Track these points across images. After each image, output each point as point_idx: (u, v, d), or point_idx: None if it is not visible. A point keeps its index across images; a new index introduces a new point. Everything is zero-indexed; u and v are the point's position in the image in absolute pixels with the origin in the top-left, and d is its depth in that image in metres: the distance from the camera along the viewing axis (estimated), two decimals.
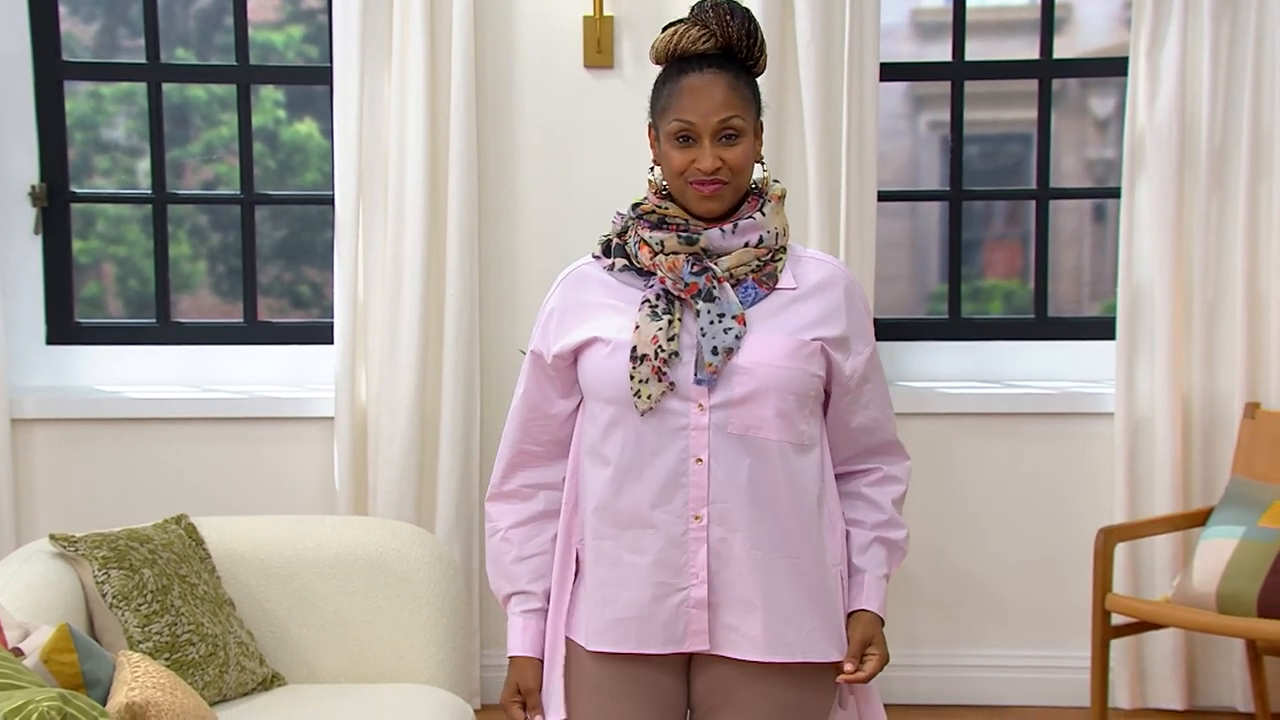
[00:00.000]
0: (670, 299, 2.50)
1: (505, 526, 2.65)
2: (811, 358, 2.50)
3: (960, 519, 5.13)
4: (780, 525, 2.49)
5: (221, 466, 5.15)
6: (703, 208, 2.50)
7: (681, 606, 2.50)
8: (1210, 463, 5.02)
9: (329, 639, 3.93)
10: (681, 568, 2.49)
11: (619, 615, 2.53)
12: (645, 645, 2.52)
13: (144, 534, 3.77)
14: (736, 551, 2.48)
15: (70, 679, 2.93)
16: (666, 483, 2.49)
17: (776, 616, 2.49)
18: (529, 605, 2.63)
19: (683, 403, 2.48)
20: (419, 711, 3.64)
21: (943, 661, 5.12)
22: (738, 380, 2.47)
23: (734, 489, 2.47)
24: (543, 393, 2.61)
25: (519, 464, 2.64)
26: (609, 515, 2.52)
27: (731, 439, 2.47)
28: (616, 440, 2.51)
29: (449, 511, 5.00)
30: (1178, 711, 5.02)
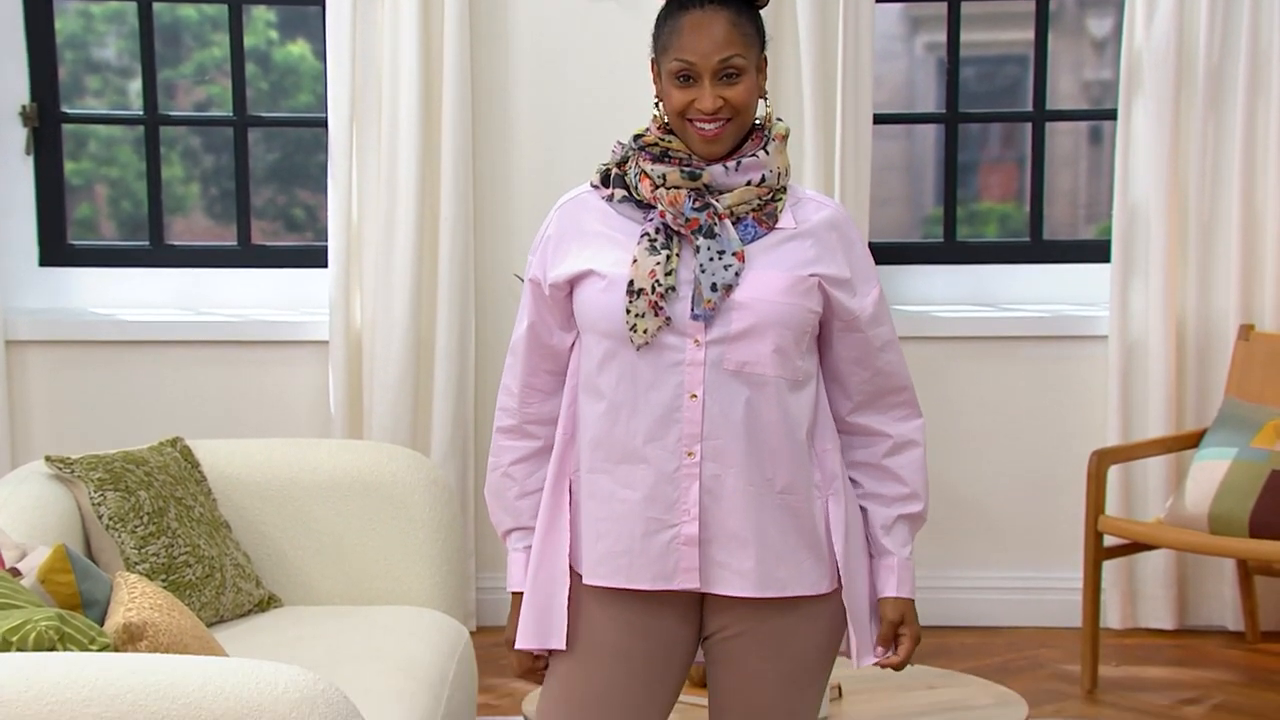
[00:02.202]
0: (669, 233, 2.49)
1: (508, 462, 2.64)
2: (809, 293, 2.50)
3: (954, 442, 5.14)
4: (773, 461, 2.49)
5: (216, 390, 5.15)
6: (705, 150, 2.49)
7: (672, 543, 2.50)
8: (1204, 385, 5.03)
9: (325, 561, 3.94)
10: (673, 504, 2.49)
11: (610, 549, 2.53)
12: (635, 580, 2.52)
13: (139, 456, 3.78)
14: (729, 488, 2.48)
15: (68, 599, 2.94)
16: (660, 418, 2.49)
17: (768, 552, 2.50)
18: (528, 541, 2.63)
19: (679, 338, 2.48)
20: (415, 633, 3.66)
21: (936, 583, 5.15)
22: (735, 316, 2.47)
23: (728, 425, 2.47)
24: (544, 323, 2.60)
25: (524, 399, 2.63)
26: (602, 449, 2.52)
27: (727, 375, 2.47)
28: (611, 374, 2.51)
29: (444, 435, 5.01)
30: (1168, 631, 5.06)
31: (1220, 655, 4.89)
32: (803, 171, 4.90)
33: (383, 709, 3.21)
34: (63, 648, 2.65)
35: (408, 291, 4.97)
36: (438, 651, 3.59)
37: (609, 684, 2.55)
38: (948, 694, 3.44)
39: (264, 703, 2.51)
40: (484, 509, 5.17)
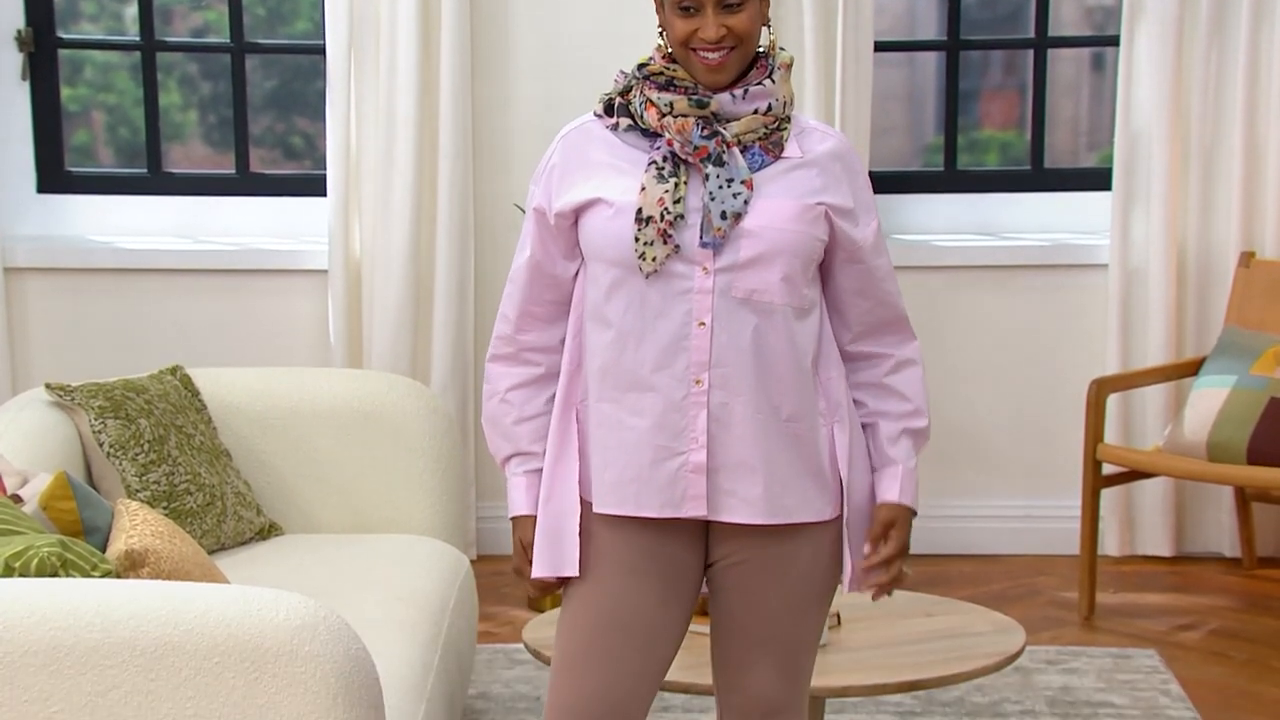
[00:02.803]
0: (677, 161, 2.48)
1: (505, 389, 2.63)
2: (816, 221, 2.50)
3: (953, 371, 5.14)
4: (780, 389, 2.50)
5: (215, 318, 5.15)
6: (709, 79, 2.48)
7: (680, 471, 2.51)
8: (1204, 312, 5.04)
9: (325, 490, 3.95)
10: (681, 432, 2.50)
11: (618, 478, 2.54)
12: (643, 508, 2.53)
13: (139, 384, 3.78)
14: (737, 416, 2.49)
15: (69, 526, 2.95)
16: (668, 346, 2.49)
17: (775, 480, 2.51)
18: (531, 465, 2.63)
19: (687, 266, 2.47)
20: (416, 561, 3.67)
21: (934, 512, 5.17)
22: (744, 244, 2.47)
23: (736, 353, 2.48)
24: (547, 252, 2.59)
25: (522, 326, 2.63)
26: (610, 378, 2.53)
27: (735, 303, 2.47)
28: (619, 303, 2.51)
29: (444, 364, 5.01)
30: (1165, 558, 5.08)
31: (1217, 581, 4.92)
32: (803, 100, 4.88)
33: (383, 636, 3.23)
34: (65, 574, 2.66)
35: (407, 220, 4.96)
36: (438, 580, 3.61)
37: (623, 603, 2.56)
38: (946, 621, 3.46)
39: (265, 629, 2.52)
40: (484, 438, 5.17)
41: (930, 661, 3.23)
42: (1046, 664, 4.25)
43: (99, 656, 2.50)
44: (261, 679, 2.51)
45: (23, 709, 2.50)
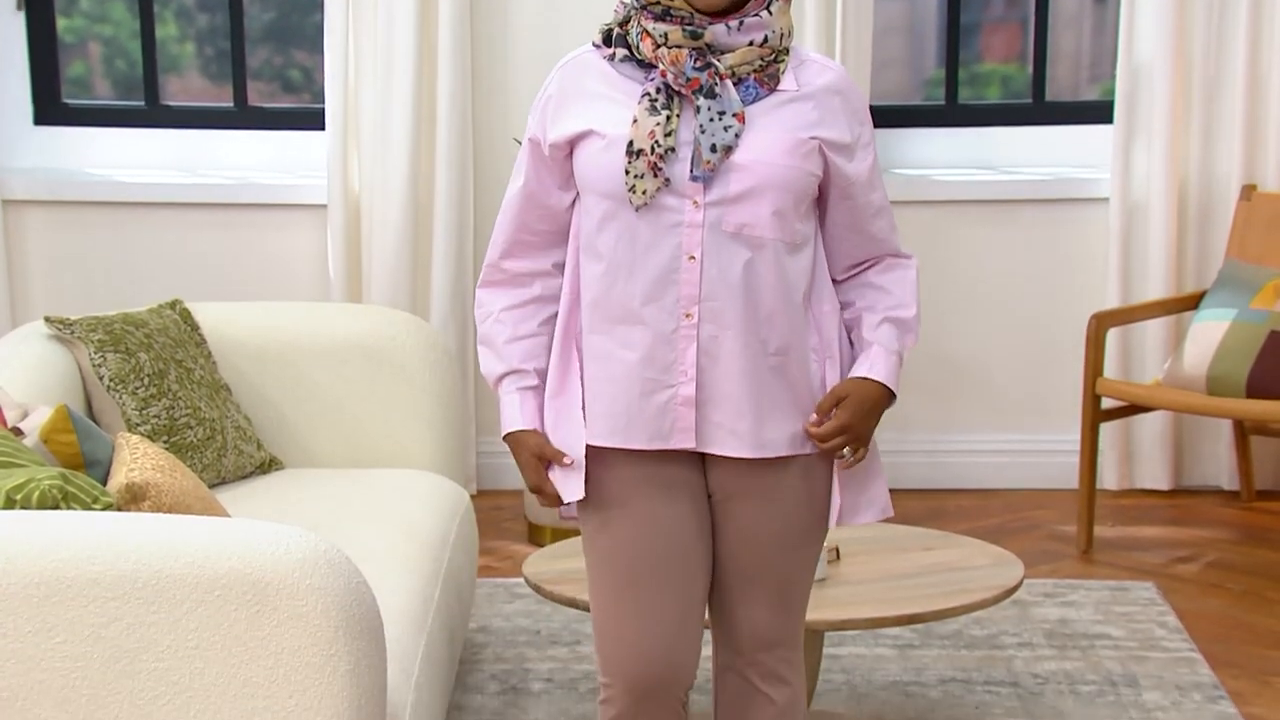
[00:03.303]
0: (670, 93, 2.47)
1: (498, 309, 2.63)
2: (810, 156, 2.48)
3: (953, 306, 5.14)
4: (770, 324, 2.50)
5: (214, 253, 5.14)
6: (705, 3, 2.46)
7: (669, 404, 2.51)
8: (1204, 246, 5.03)
9: (325, 424, 3.96)
10: (670, 365, 2.50)
11: (608, 410, 2.54)
12: (631, 440, 2.54)
13: (139, 318, 3.78)
14: (726, 350, 2.49)
15: (70, 459, 2.96)
16: (658, 279, 2.48)
17: (763, 414, 2.51)
18: (524, 383, 2.62)
19: (678, 199, 2.46)
20: (417, 495, 3.68)
21: (933, 447, 5.18)
22: (735, 177, 2.46)
23: (726, 287, 2.47)
24: (540, 182, 2.59)
25: (513, 252, 2.62)
26: (601, 310, 2.53)
27: (725, 237, 2.47)
28: (610, 235, 2.50)
29: (443, 299, 5.01)
30: (1164, 491, 5.10)
31: (1215, 514, 4.94)
32: (803, 33, 4.85)
33: (384, 570, 3.24)
34: (66, 506, 2.67)
35: (406, 154, 4.94)
36: (438, 514, 3.62)
37: (641, 548, 2.56)
38: (944, 555, 3.47)
39: (266, 563, 2.53)
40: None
41: (929, 595, 3.25)
42: (1044, 597, 4.27)
43: (100, 589, 2.51)
44: (263, 612, 2.53)
45: (26, 640, 2.52)
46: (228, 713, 2.54)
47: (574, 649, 3.98)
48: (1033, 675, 3.82)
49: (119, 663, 2.53)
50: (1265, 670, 3.88)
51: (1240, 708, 3.67)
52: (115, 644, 2.52)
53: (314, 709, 2.54)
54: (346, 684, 2.54)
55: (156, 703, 2.53)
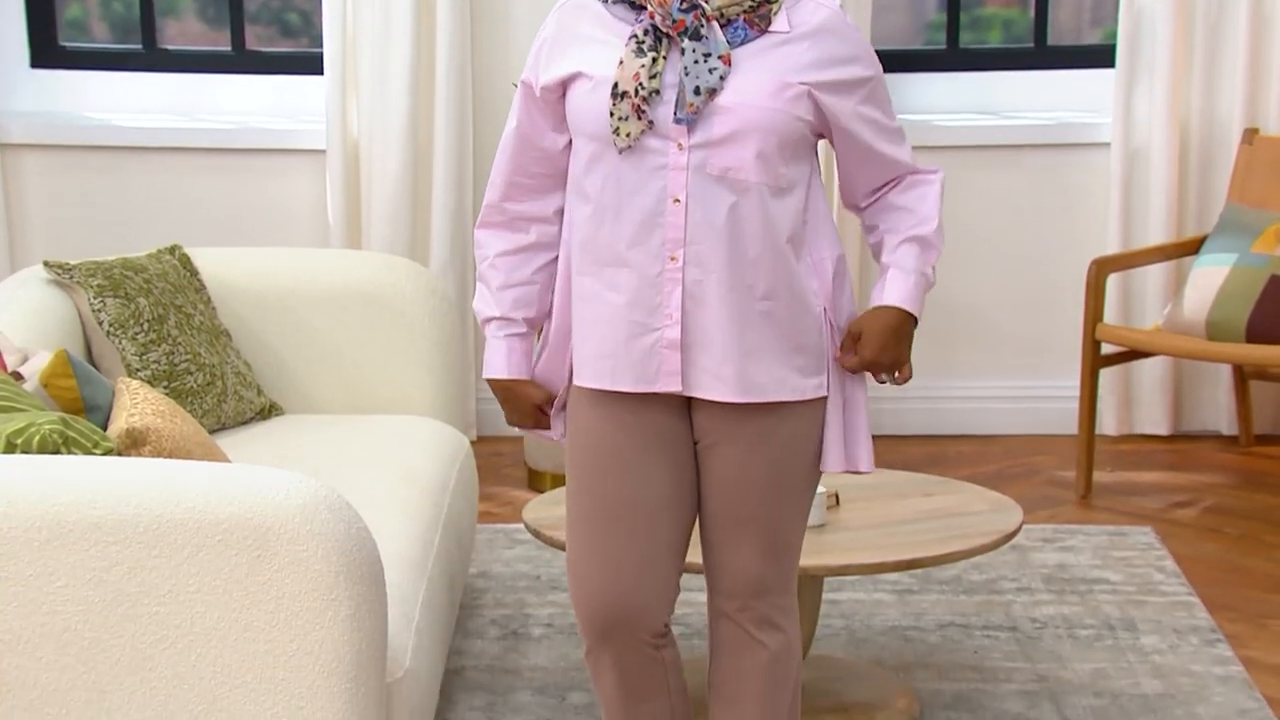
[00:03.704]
0: (658, 35, 2.46)
1: (493, 254, 2.65)
2: (797, 100, 2.47)
3: (954, 252, 5.14)
4: (756, 268, 2.49)
5: (212, 198, 5.13)
6: None
7: (655, 347, 2.52)
8: (1206, 191, 5.02)
9: (325, 370, 3.96)
10: (656, 308, 2.50)
11: (595, 351, 2.55)
12: (619, 383, 2.55)
13: (138, 263, 3.78)
14: (711, 293, 2.49)
15: (70, 404, 2.96)
16: (644, 222, 2.49)
17: (749, 358, 2.51)
18: (511, 330, 2.65)
19: (662, 141, 2.46)
20: (417, 441, 3.69)
21: (933, 393, 5.18)
22: (718, 120, 2.45)
23: (711, 230, 2.47)
24: (534, 124, 2.59)
25: (510, 195, 2.63)
26: (589, 252, 2.53)
27: (710, 180, 2.46)
28: (597, 177, 2.51)
29: (443, 246, 5.00)
30: (1163, 436, 5.11)
31: (1214, 459, 4.95)
32: None
33: (384, 516, 3.25)
34: (66, 451, 2.67)
35: (404, 100, 4.92)
36: (438, 460, 3.62)
37: (612, 489, 2.58)
38: (944, 501, 3.48)
39: (267, 508, 2.54)
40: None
41: (928, 540, 3.25)
42: (1043, 542, 4.29)
43: (101, 533, 2.52)
44: (264, 557, 2.54)
45: (28, 583, 2.53)
46: (229, 657, 2.56)
47: None
48: (1031, 620, 3.83)
49: (120, 606, 2.54)
50: (1262, 613, 3.90)
51: (1237, 650, 3.69)
52: (116, 588, 2.54)
53: (314, 653, 2.55)
54: (347, 628, 2.56)
55: (158, 646, 2.55)
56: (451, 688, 3.53)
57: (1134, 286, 5.06)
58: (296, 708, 2.56)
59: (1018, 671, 3.58)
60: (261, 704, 2.56)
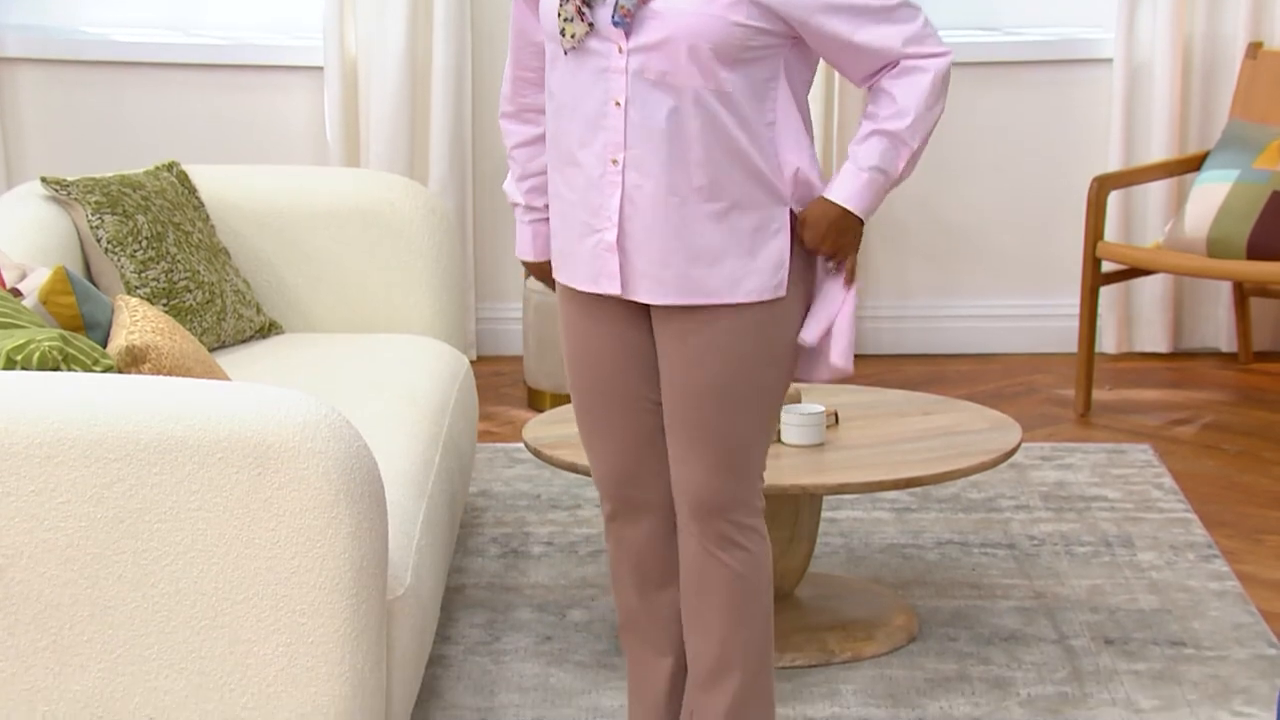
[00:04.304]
0: None
1: (510, 146, 2.73)
2: (734, 6, 2.45)
3: (954, 169, 5.13)
4: (701, 172, 2.49)
5: (210, 115, 5.11)
6: None
7: (597, 248, 2.55)
8: (1208, 107, 5.01)
9: (324, 289, 3.96)
10: (598, 209, 2.53)
11: (559, 247, 2.62)
12: (575, 280, 2.61)
13: (136, 180, 3.77)
14: (649, 196, 2.50)
15: (69, 321, 2.96)
16: (590, 123, 2.52)
17: (697, 261, 2.51)
18: (532, 216, 2.75)
19: (603, 44, 2.49)
20: (416, 361, 3.69)
21: (933, 312, 5.18)
22: (651, 25, 2.46)
23: (650, 135, 2.48)
24: (525, 20, 2.66)
25: (516, 89, 2.71)
26: (553, 149, 2.59)
27: (648, 84, 2.48)
28: (556, 75, 2.56)
29: (441, 163, 4.99)
30: (1162, 354, 5.12)
31: (1213, 376, 4.96)
32: None
33: (385, 434, 3.26)
34: (66, 368, 2.67)
35: (402, 16, 4.89)
36: (438, 379, 3.63)
37: (591, 377, 2.66)
38: (943, 420, 3.49)
39: (268, 427, 2.55)
40: (483, 239, 5.18)
41: (927, 459, 3.27)
42: (1042, 460, 4.30)
43: (102, 450, 2.53)
44: (264, 475, 2.55)
45: (30, 499, 2.54)
46: (230, 574, 2.57)
47: (574, 513, 4.01)
48: (1029, 537, 3.85)
49: (122, 523, 2.55)
50: (1258, 529, 3.93)
51: (1233, 566, 3.71)
52: (118, 505, 2.55)
53: (315, 570, 2.57)
54: (348, 546, 2.57)
55: (160, 563, 2.56)
56: (452, 605, 3.56)
57: (1135, 204, 5.05)
58: (298, 624, 2.58)
59: (1015, 588, 3.60)
60: (263, 620, 2.58)
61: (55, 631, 2.57)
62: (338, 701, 2.60)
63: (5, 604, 2.56)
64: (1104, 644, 3.35)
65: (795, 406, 3.34)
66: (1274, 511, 4.03)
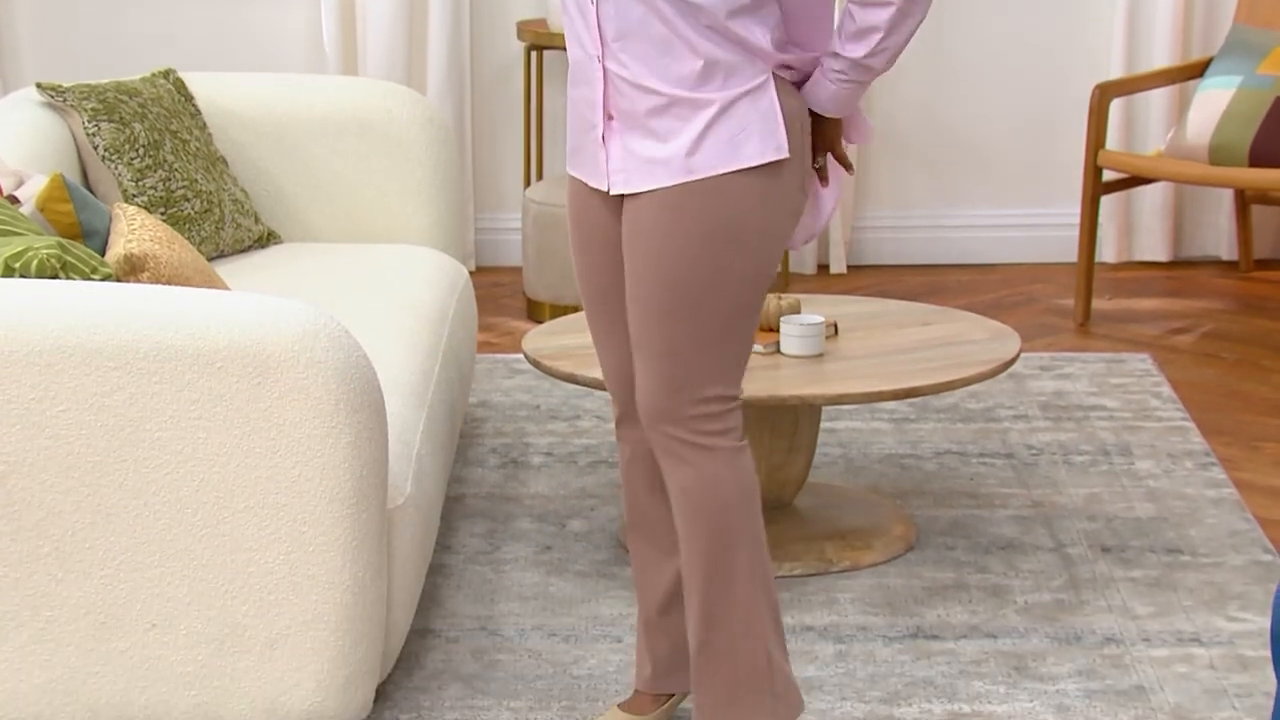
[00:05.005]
0: None
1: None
2: None
3: (953, 79, 5.11)
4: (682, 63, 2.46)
5: (206, 23, 5.08)
6: None
7: (594, 143, 2.55)
8: (1212, 12, 4.98)
9: (323, 199, 3.96)
10: (594, 103, 2.53)
11: (571, 142, 2.61)
12: (580, 173, 2.60)
13: (132, 87, 3.75)
14: (633, 91, 2.48)
15: (67, 229, 2.96)
16: (579, 18, 2.52)
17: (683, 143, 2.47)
18: None
19: None
20: (415, 271, 3.70)
21: (933, 222, 5.19)
22: None
23: (625, 24, 2.46)
24: None
25: None
26: (569, 43, 2.58)
27: None
28: None
29: (439, 73, 4.97)
30: (1162, 263, 5.13)
31: (1212, 285, 4.97)
32: None
33: (385, 344, 3.27)
34: (65, 276, 2.68)
35: None
36: (437, 289, 3.64)
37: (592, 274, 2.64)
38: (942, 329, 3.50)
39: (267, 336, 2.56)
40: (482, 149, 5.17)
41: (926, 369, 3.28)
42: (1041, 370, 4.32)
43: (102, 359, 2.54)
44: (264, 385, 2.56)
45: (30, 406, 2.55)
46: (231, 482, 2.59)
47: (573, 423, 4.02)
48: (1027, 447, 3.87)
49: (122, 431, 2.57)
50: (1256, 436, 3.95)
51: (1230, 473, 3.74)
52: (118, 413, 2.56)
53: (316, 479, 2.58)
54: (347, 455, 2.59)
55: (160, 471, 2.58)
56: (452, 515, 3.58)
57: (1137, 112, 5.04)
58: (299, 533, 2.60)
59: (1013, 497, 3.63)
60: (263, 529, 2.60)
61: (57, 538, 2.59)
62: (339, 609, 2.62)
63: (7, 511, 2.58)
64: (1101, 552, 3.38)
65: (795, 317, 3.34)
66: (1272, 419, 4.05)
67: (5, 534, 2.59)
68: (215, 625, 2.63)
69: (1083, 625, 3.10)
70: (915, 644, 3.04)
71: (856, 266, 5.17)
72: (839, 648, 3.03)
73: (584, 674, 2.97)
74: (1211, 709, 2.82)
